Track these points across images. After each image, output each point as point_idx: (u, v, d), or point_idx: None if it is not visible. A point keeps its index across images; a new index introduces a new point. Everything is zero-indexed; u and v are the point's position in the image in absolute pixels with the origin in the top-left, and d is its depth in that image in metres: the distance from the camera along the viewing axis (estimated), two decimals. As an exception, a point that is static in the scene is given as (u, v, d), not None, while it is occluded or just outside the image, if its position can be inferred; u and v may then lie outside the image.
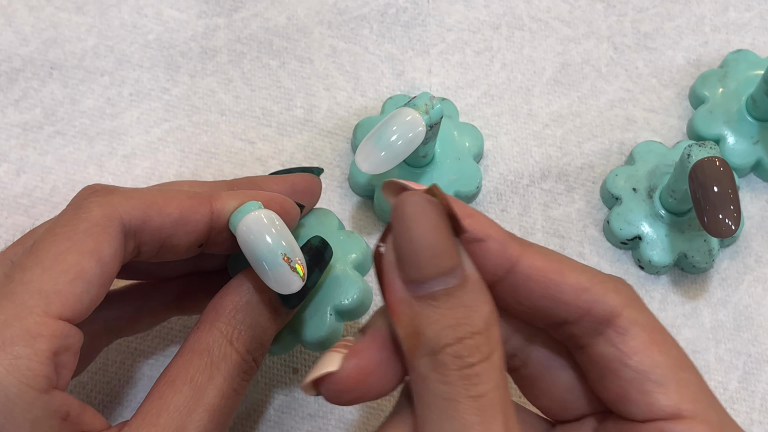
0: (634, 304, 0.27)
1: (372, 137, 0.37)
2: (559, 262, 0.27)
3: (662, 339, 0.27)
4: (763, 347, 0.42)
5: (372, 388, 0.27)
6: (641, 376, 0.26)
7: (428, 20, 0.48)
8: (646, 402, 0.26)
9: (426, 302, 0.25)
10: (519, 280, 0.26)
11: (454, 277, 0.25)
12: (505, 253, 0.26)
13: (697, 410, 0.26)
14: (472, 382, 0.25)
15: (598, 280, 0.27)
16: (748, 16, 0.48)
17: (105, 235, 0.28)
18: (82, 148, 0.45)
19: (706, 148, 0.38)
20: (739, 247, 0.43)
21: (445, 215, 0.25)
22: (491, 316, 0.26)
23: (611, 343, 0.26)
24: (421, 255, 0.25)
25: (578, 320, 0.27)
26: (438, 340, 0.25)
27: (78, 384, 0.40)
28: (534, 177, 0.44)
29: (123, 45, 0.47)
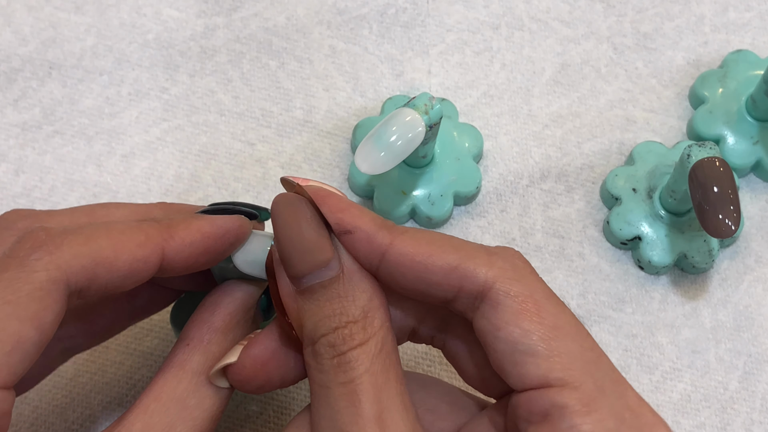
0: (508, 275, 0.27)
1: (371, 137, 0.37)
2: (430, 244, 0.27)
3: (536, 308, 0.27)
4: (763, 347, 0.41)
5: (272, 376, 0.29)
6: (511, 347, 0.26)
7: (428, 20, 0.48)
8: (518, 373, 0.26)
9: (306, 296, 0.27)
10: (392, 267, 0.27)
11: (329, 270, 0.27)
12: (373, 243, 0.27)
13: (567, 378, 0.26)
14: (342, 369, 0.26)
15: (469, 256, 0.27)
16: (748, 16, 0.48)
17: (48, 301, 0.26)
18: (81, 147, 0.45)
19: (706, 148, 0.38)
20: (739, 248, 0.43)
21: (314, 212, 0.27)
22: (370, 303, 0.27)
23: (485, 316, 0.27)
24: (295, 252, 0.27)
25: (456, 298, 0.27)
26: (315, 330, 0.27)
27: (77, 385, 0.40)
28: (534, 177, 0.44)
29: (122, 44, 0.47)
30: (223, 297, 0.31)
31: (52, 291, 0.26)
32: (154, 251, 0.28)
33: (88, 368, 0.40)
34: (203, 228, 0.29)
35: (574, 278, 0.42)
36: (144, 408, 0.28)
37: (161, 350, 0.40)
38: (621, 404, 0.26)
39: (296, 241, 0.27)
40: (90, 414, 0.39)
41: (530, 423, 0.26)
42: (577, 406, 0.25)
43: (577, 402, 0.25)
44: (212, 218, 0.29)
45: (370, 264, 0.27)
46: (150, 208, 0.32)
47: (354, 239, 0.27)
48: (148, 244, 0.28)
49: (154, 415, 0.28)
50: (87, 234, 0.27)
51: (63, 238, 0.26)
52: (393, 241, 0.27)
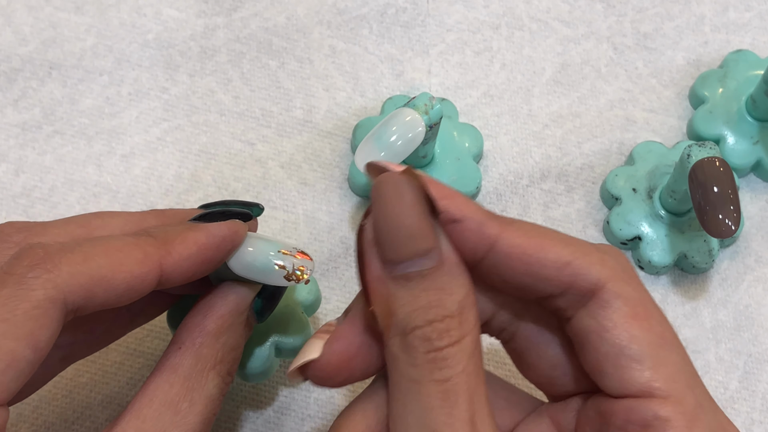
0: (620, 276, 0.26)
1: (371, 137, 0.37)
2: (541, 237, 0.26)
3: (645, 314, 0.26)
4: (763, 347, 0.41)
5: (356, 370, 0.27)
6: (617, 350, 0.26)
7: (428, 20, 0.48)
8: (620, 377, 0.26)
9: (400, 283, 0.25)
10: (500, 259, 0.26)
11: (429, 259, 0.25)
12: (483, 233, 0.26)
13: (671, 390, 0.25)
14: (438, 365, 0.25)
15: (582, 253, 0.26)
16: (748, 16, 0.48)
17: (45, 319, 0.25)
18: (81, 147, 0.45)
19: (706, 148, 0.38)
20: (739, 248, 0.43)
21: (422, 196, 0.25)
22: (466, 299, 0.26)
23: (592, 315, 0.26)
24: (397, 235, 0.25)
25: (563, 294, 0.26)
26: (408, 321, 0.25)
27: (77, 385, 0.40)
28: (534, 177, 0.44)
29: (122, 44, 0.47)
30: (216, 300, 0.30)
31: (49, 310, 0.25)
32: (152, 268, 0.27)
33: (88, 368, 0.40)
34: (199, 240, 0.29)
35: (574, 278, 0.42)
36: (136, 413, 0.28)
37: (161, 351, 0.40)
38: (716, 423, 0.26)
39: (400, 224, 0.25)
40: (90, 414, 0.39)
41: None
42: (681, 422, 0.25)
43: (681, 417, 0.25)
44: (207, 228, 0.29)
45: (475, 255, 0.26)
46: (144, 217, 0.31)
47: (463, 228, 0.26)
48: (146, 261, 0.27)
49: (146, 420, 0.28)
50: (85, 252, 0.27)
51: (61, 256, 0.26)
52: (503, 233, 0.26)
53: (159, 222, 0.31)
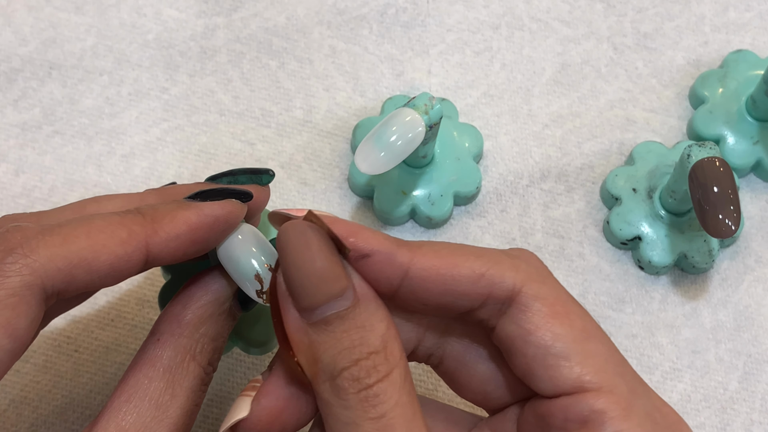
0: (534, 278, 0.27)
1: (371, 137, 0.37)
2: (452, 255, 0.27)
3: (565, 310, 0.26)
4: (763, 347, 0.41)
5: (288, 424, 0.27)
6: (543, 350, 0.26)
7: (428, 20, 0.48)
8: (550, 376, 0.26)
9: (320, 328, 0.25)
10: (415, 284, 0.26)
11: (345, 299, 0.25)
12: (393, 263, 0.26)
13: (602, 381, 0.25)
14: (371, 403, 0.25)
15: (494, 262, 0.27)
16: (748, 16, 0.48)
17: (22, 307, 0.25)
18: (81, 147, 0.45)
19: (706, 148, 0.38)
20: (739, 248, 0.43)
21: (327, 238, 0.25)
22: (388, 332, 0.26)
23: (513, 320, 0.26)
24: (308, 282, 0.25)
25: (482, 305, 0.27)
26: (335, 364, 0.25)
27: (77, 385, 0.40)
28: (534, 177, 0.44)
29: (122, 45, 0.47)
30: (197, 290, 0.29)
31: (27, 296, 0.25)
32: (137, 248, 0.26)
33: (88, 368, 0.40)
34: (190, 219, 0.28)
35: (574, 278, 0.42)
36: (116, 410, 0.27)
37: (161, 350, 0.40)
38: (650, 405, 0.26)
39: (310, 270, 0.25)
40: (90, 414, 0.39)
41: (567, 430, 0.26)
42: (617, 411, 0.25)
43: (616, 406, 0.25)
44: (199, 207, 0.28)
45: (391, 285, 0.26)
46: (144, 197, 0.30)
47: (373, 262, 0.26)
48: (130, 241, 0.26)
49: (126, 416, 0.27)
50: (64, 234, 0.26)
51: (38, 239, 0.25)
52: (413, 258, 0.26)
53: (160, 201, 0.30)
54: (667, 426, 0.26)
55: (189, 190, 0.30)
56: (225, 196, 0.29)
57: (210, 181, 0.31)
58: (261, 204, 0.31)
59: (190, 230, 0.28)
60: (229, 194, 0.29)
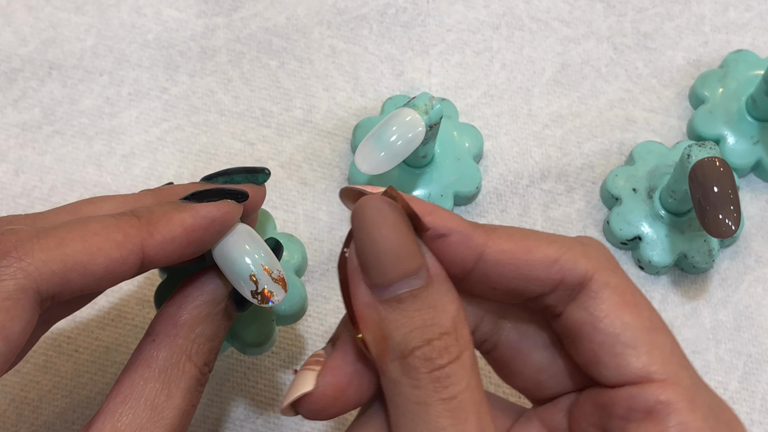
0: (605, 267, 0.27)
1: (371, 137, 0.37)
2: (526, 239, 0.26)
3: (634, 300, 0.26)
4: (763, 347, 0.41)
5: (350, 401, 0.27)
6: (611, 338, 0.26)
7: (428, 20, 0.48)
8: (617, 364, 0.26)
9: (392, 305, 0.25)
10: (489, 267, 0.26)
11: (419, 278, 0.25)
12: (470, 244, 0.26)
13: (668, 372, 0.25)
14: (443, 384, 0.24)
15: (567, 248, 0.27)
16: (748, 16, 0.48)
17: (16, 310, 0.24)
18: (81, 147, 0.45)
19: (706, 148, 0.38)
20: (739, 248, 0.43)
21: (405, 216, 0.25)
22: (458, 314, 0.26)
23: (583, 307, 0.26)
24: (384, 258, 0.25)
25: (553, 291, 0.27)
26: (406, 343, 0.25)
27: (78, 385, 0.40)
28: (534, 177, 0.44)
29: (122, 45, 0.47)
30: (192, 290, 0.29)
31: (21, 300, 0.24)
32: (133, 251, 0.26)
33: (88, 368, 0.40)
34: (185, 221, 0.27)
35: (574, 278, 0.42)
36: (111, 412, 0.27)
37: (161, 350, 0.40)
38: (711, 400, 0.26)
39: (386, 246, 0.25)
40: (90, 414, 0.39)
41: (630, 420, 0.25)
42: (683, 403, 0.25)
43: (682, 398, 0.25)
44: (195, 208, 0.28)
45: (465, 266, 0.26)
46: (140, 198, 0.30)
47: (450, 242, 0.26)
48: (126, 244, 0.26)
49: (122, 417, 0.27)
50: (59, 237, 0.26)
51: (33, 242, 0.25)
52: (489, 240, 0.26)
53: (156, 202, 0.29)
54: (726, 422, 0.26)
55: (185, 190, 0.30)
56: (221, 196, 0.29)
57: (206, 181, 0.31)
58: (257, 203, 0.31)
59: (186, 232, 0.27)
60: (225, 194, 0.29)
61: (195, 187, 0.30)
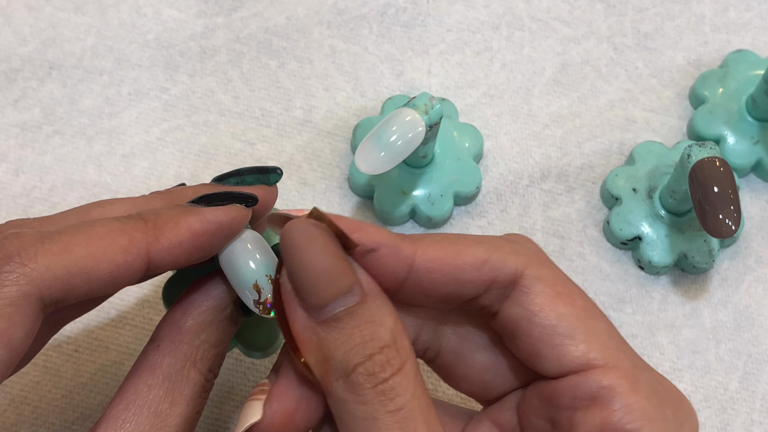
0: (535, 261, 0.27)
1: (371, 137, 0.37)
2: (453, 244, 0.27)
3: (566, 290, 0.27)
4: (763, 347, 0.41)
5: (300, 426, 0.27)
6: (548, 331, 0.26)
7: (428, 20, 0.48)
8: (556, 355, 0.26)
9: (330, 325, 0.25)
10: (421, 276, 0.26)
11: (353, 296, 0.25)
12: (399, 256, 0.26)
13: (607, 357, 0.26)
14: (388, 396, 0.25)
15: (495, 248, 0.27)
16: (748, 16, 0.48)
17: (18, 317, 0.24)
18: (81, 147, 0.45)
19: (706, 148, 0.38)
20: (740, 248, 0.43)
21: (332, 235, 0.26)
22: (396, 326, 0.26)
23: (517, 303, 0.27)
24: (316, 280, 0.25)
25: (486, 291, 0.27)
26: (348, 360, 0.25)
27: (77, 385, 0.40)
28: (534, 177, 0.44)
29: (122, 45, 0.47)
30: (197, 296, 0.29)
31: (24, 306, 0.24)
32: (138, 256, 0.26)
33: (88, 368, 0.40)
34: (193, 226, 0.27)
35: (574, 278, 0.42)
36: (114, 418, 0.27)
37: (161, 350, 0.40)
38: (653, 380, 0.27)
39: (317, 267, 0.25)
40: (90, 414, 0.39)
41: (576, 409, 0.26)
42: (625, 385, 0.25)
43: (623, 381, 0.25)
44: (203, 213, 0.28)
45: (397, 278, 0.26)
46: (149, 201, 0.30)
47: (380, 256, 0.26)
48: (131, 249, 0.26)
49: (125, 424, 0.27)
50: (64, 241, 0.25)
51: (37, 247, 0.25)
52: (417, 250, 0.26)
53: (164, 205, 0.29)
54: (670, 399, 0.26)
55: (195, 192, 0.30)
56: (229, 200, 0.29)
57: (216, 182, 0.31)
58: (268, 205, 0.31)
59: (193, 237, 0.27)
60: (234, 198, 0.29)
61: (205, 189, 0.30)
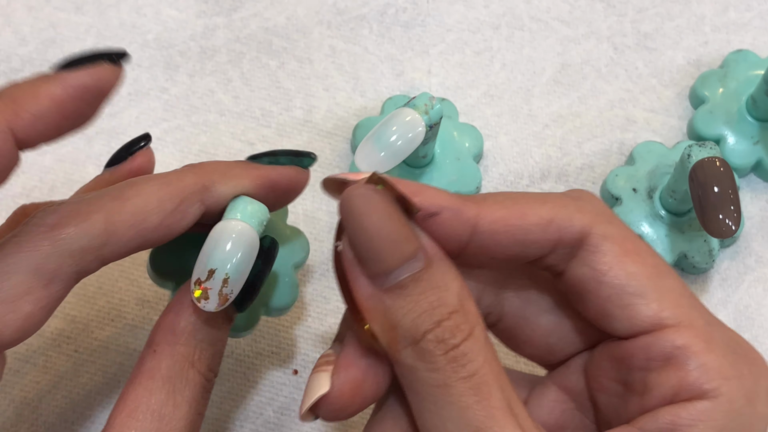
0: (602, 219, 0.26)
1: (371, 137, 0.37)
2: (517, 204, 0.26)
3: (636, 249, 0.26)
4: (763, 347, 0.41)
5: (368, 396, 0.26)
6: (618, 290, 0.25)
7: (428, 20, 0.48)
8: (627, 315, 0.25)
9: (395, 292, 0.24)
10: (485, 238, 0.26)
11: (418, 261, 0.24)
12: (462, 219, 0.25)
13: (679, 316, 0.25)
14: (461, 363, 0.24)
15: (560, 206, 0.26)
16: (748, 16, 0.48)
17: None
18: (81, 147, 0.45)
19: (706, 148, 0.38)
20: (740, 248, 0.43)
21: (393, 200, 0.25)
22: (462, 290, 0.25)
23: (585, 263, 0.26)
24: (380, 246, 0.24)
25: (552, 251, 0.26)
26: (416, 328, 0.24)
27: (77, 385, 0.40)
28: (534, 177, 0.44)
29: (122, 45, 0.47)
30: (188, 296, 0.29)
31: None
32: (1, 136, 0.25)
33: (88, 368, 0.40)
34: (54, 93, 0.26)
35: (574, 278, 0.42)
36: (119, 426, 0.27)
37: (161, 350, 0.40)
38: (728, 337, 0.26)
39: (380, 233, 0.24)
40: (90, 414, 0.39)
41: (650, 370, 0.25)
42: (700, 345, 0.25)
43: (698, 340, 0.25)
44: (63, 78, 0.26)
45: (461, 241, 0.26)
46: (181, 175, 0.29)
47: (442, 220, 0.25)
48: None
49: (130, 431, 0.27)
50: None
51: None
52: (481, 211, 0.26)
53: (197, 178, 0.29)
54: (744, 355, 0.26)
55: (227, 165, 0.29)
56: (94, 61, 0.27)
57: (251, 161, 0.31)
58: (300, 187, 0.31)
59: (57, 105, 0.26)
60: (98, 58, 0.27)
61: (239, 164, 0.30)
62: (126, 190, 0.27)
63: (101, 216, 0.26)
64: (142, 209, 0.26)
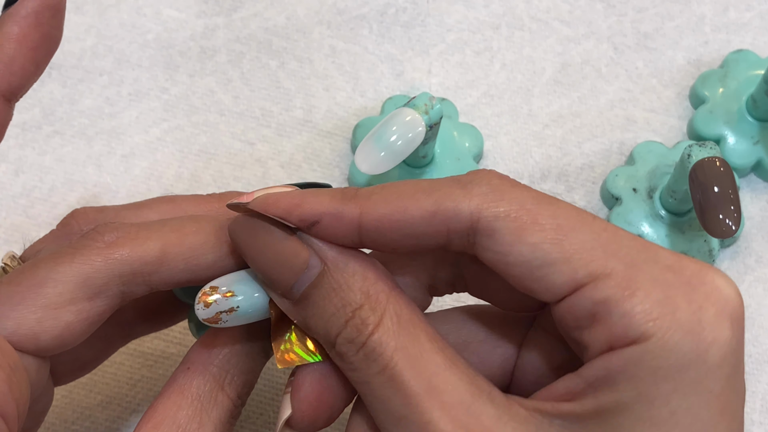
0: (492, 198, 0.25)
1: (371, 137, 0.37)
2: (401, 198, 0.25)
3: (531, 218, 0.25)
4: (763, 347, 0.41)
5: (334, 405, 0.27)
6: (526, 267, 0.24)
7: (428, 20, 0.48)
8: (544, 287, 0.25)
9: (303, 303, 0.26)
10: (372, 234, 0.26)
11: (312, 268, 0.25)
12: (344, 221, 0.25)
13: (594, 269, 0.24)
14: (372, 358, 0.25)
15: (445, 196, 0.25)
16: (748, 16, 0.48)
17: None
18: (81, 147, 0.45)
19: (706, 148, 0.38)
20: (740, 248, 0.43)
21: (272, 221, 0.26)
22: (365, 282, 0.25)
23: (485, 247, 0.25)
24: (271, 268, 0.25)
25: (450, 239, 0.25)
26: (328, 332, 0.25)
27: (77, 384, 0.40)
28: (534, 177, 0.44)
29: (122, 44, 0.47)
30: None
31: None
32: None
33: (87, 368, 0.40)
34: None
35: (574, 278, 0.42)
36: None
37: (161, 351, 0.40)
38: (658, 269, 0.24)
39: (268, 257, 0.25)
40: (89, 414, 0.39)
41: (582, 329, 0.24)
42: (619, 293, 0.24)
43: (616, 289, 0.24)
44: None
45: (352, 242, 0.26)
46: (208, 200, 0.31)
47: (324, 227, 0.25)
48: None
49: None
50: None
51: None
52: (362, 210, 0.25)
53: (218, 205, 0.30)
54: (684, 282, 0.24)
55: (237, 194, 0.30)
56: None
57: None
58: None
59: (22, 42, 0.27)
60: None
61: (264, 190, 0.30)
62: (188, 224, 0.28)
63: (158, 245, 0.27)
64: (199, 246, 0.27)
